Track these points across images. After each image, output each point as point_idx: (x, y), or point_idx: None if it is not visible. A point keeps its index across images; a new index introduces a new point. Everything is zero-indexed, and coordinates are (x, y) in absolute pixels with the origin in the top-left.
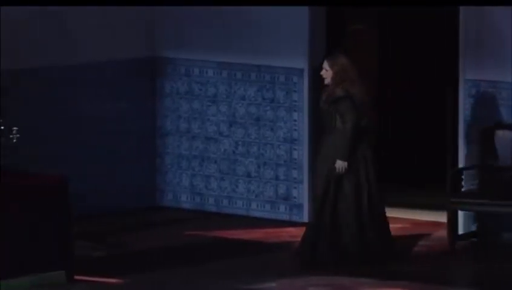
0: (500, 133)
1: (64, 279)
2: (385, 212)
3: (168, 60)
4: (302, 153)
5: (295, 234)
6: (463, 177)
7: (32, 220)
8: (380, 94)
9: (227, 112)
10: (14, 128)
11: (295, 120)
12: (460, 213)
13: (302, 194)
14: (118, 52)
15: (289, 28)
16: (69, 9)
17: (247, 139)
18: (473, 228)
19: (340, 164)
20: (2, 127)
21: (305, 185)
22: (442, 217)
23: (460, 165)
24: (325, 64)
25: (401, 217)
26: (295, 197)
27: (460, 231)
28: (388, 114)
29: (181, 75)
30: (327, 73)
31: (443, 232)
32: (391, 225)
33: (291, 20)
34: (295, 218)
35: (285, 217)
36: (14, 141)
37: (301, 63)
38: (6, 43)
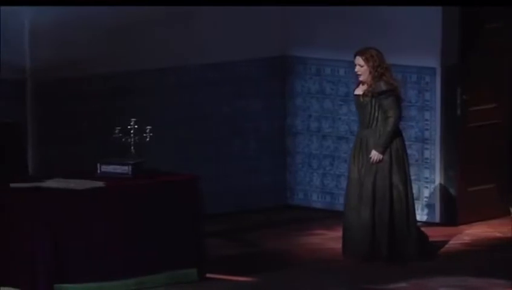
0: None
1: (196, 277)
2: (414, 209)
3: (299, 59)
4: (434, 152)
5: (427, 234)
6: None
7: (165, 217)
8: None
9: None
10: (148, 127)
11: (427, 120)
12: None
13: (434, 194)
14: (250, 51)
15: (422, 27)
16: (200, 9)
17: None
18: None
19: (376, 155)
20: (136, 126)
21: (437, 184)
22: None
23: None
24: (359, 60)
25: None
26: (426, 197)
27: None
28: None
29: (312, 74)
30: (362, 69)
31: None
32: None
33: (424, 18)
34: (427, 218)
35: (417, 217)
36: (148, 139)
37: (433, 62)
38: (136, 43)
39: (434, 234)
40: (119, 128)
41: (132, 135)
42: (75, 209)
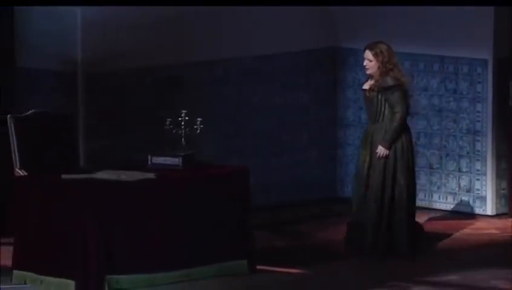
0: None
1: (246, 269)
2: (413, 207)
3: (350, 51)
4: (485, 144)
5: (478, 226)
6: None
7: (214, 209)
8: None
9: (410, 103)
10: (198, 119)
11: (478, 111)
12: None
13: (486, 186)
14: (300, 43)
15: (474, 19)
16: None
17: (429, 131)
18: None
19: (382, 150)
20: (187, 118)
21: (489, 177)
22: None
23: None
24: (368, 55)
25: None
26: (477, 189)
27: None
28: None
29: (363, 66)
30: (370, 63)
31: None
32: None
33: (475, 10)
34: (478, 210)
35: (468, 209)
36: (198, 131)
37: (485, 53)
38: (186, 36)
39: (485, 226)
40: (170, 120)
41: (182, 127)
42: (126, 201)
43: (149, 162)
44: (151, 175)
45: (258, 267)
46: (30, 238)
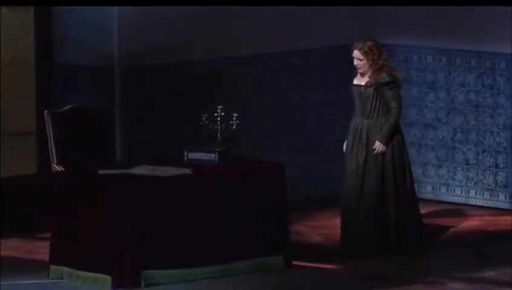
0: None
1: (282, 264)
2: (415, 198)
3: (387, 47)
4: None
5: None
6: None
7: (250, 205)
8: None
9: (446, 99)
10: (234, 114)
11: None
12: None
13: None
14: (338, 38)
15: (510, 14)
16: None
17: (466, 126)
18: None
19: (380, 146)
20: (223, 114)
21: None
22: None
23: None
24: (357, 54)
25: None
26: None
27: None
28: None
29: (400, 61)
30: (361, 62)
31: None
32: None
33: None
34: None
35: (505, 205)
36: (234, 127)
37: None
38: (223, 31)
39: None
40: (206, 115)
41: (218, 123)
42: (162, 196)
43: (185, 158)
44: (187, 170)
45: (294, 262)
46: (67, 233)
